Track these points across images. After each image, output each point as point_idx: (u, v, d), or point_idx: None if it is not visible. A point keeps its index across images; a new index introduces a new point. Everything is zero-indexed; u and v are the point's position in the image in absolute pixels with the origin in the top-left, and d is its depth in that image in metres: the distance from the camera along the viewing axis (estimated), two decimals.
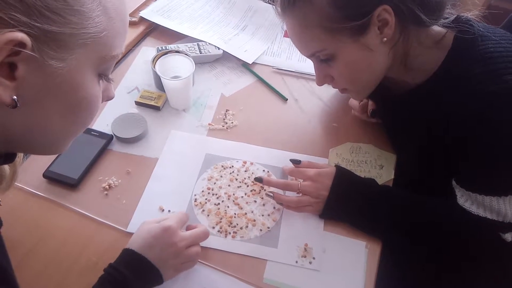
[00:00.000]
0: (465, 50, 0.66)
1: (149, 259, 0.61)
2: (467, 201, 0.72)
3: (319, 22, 0.64)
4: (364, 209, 0.74)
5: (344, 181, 0.76)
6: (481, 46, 0.66)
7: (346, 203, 0.74)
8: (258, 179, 0.78)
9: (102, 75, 0.45)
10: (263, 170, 0.83)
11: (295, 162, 0.80)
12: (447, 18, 0.68)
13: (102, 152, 0.83)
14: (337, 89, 0.98)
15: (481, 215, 0.70)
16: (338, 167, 0.78)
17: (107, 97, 0.50)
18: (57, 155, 0.80)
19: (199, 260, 0.69)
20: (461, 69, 0.66)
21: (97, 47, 0.41)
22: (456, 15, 0.69)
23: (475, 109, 0.63)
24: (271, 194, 0.77)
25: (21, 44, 0.34)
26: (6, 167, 0.52)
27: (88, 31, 0.39)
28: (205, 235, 0.69)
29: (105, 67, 0.44)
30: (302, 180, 0.77)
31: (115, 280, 0.59)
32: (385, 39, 0.65)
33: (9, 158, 0.46)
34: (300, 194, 0.76)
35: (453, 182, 0.73)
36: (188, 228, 0.71)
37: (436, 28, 0.69)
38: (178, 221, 0.67)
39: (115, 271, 0.59)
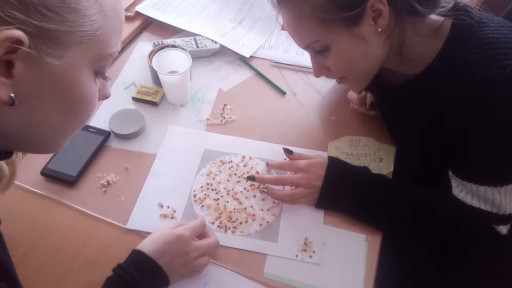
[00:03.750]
0: (463, 37, 0.66)
1: (160, 265, 0.61)
2: (462, 191, 0.72)
3: (313, 13, 0.64)
4: (359, 197, 0.74)
5: (337, 170, 0.76)
6: (478, 32, 0.65)
7: (340, 192, 0.74)
8: (251, 178, 0.78)
9: (99, 73, 0.45)
10: (263, 170, 0.82)
11: (288, 151, 0.80)
12: (444, 6, 0.67)
13: (100, 148, 0.83)
14: (335, 82, 0.98)
15: (475, 205, 0.70)
16: (330, 157, 0.78)
17: (104, 96, 0.49)
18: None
19: None
20: (458, 56, 0.65)
21: (94, 45, 0.41)
22: (453, 3, 0.68)
23: (471, 95, 0.63)
24: (265, 190, 0.77)
25: (19, 42, 0.34)
26: (5, 166, 0.51)
27: (85, 29, 0.39)
28: (215, 246, 0.68)
29: (102, 65, 0.44)
30: (293, 172, 0.77)
31: (124, 281, 0.58)
32: (379, 29, 0.65)
33: (6, 155, 0.46)
34: (294, 187, 0.76)
35: (450, 172, 0.73)
36: (200, 235, 0.69)
37: (434, 17, 0.69)
38: (193, 231, 0.66)
39: (125, 272, 0.59)
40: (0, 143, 0.42)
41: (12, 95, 0.37)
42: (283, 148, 0.81)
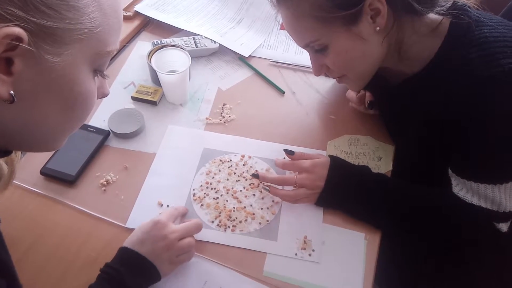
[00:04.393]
0: (461, 36, 0.66)
1: (143, 254, 0.62)
2: (462, 189, 0.72)
3: (312, 12, 0.64)
4: (359, 197, 0.74)
5: (338, 170, 0.75)
6: (476, 31, 0.65)
7: (341, 193, 0.74)
8: (255, 175, 0.78)
9: (98, 71, 0.45)
10: (262, 169, 0.82)
11: (289, 153, 0.80)
12: (442, 5, 0.67)
13: (99, 148, 0.83)
14: (334, 81, 0.99)
15: (475, 203, 0.70)
16: (331, 157, 0.78)
17: (102, 94, 0.50)
18: (53, 151, 0.80)
19: (199, 254, 0.70)
20: (456, 55, 0.66)
21: (92, 42, 0.41)
22: (452, 2, 0.68)
23: (470, 94, 0.63)
24: (268, 188, 0.77)
25: (18, 39, 0.35)
26: (4, 166, 0.51)
27: (84, 26, 0.39)
28: (197, 227, 0.69)
29: (100, 63, 0.45)
30: (297, 172, 0.77)
31: (111, 277, 0.59)
32: (378, 28, 0.65)
33: (4, 153, 0.46)
34: (297, 187, 0.76)
35: (449, 171, 0.73)
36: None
37: (432, 16, 0.69)
38: (169, 215, 0.68)
39: (111, 269, 0.60)
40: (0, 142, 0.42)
41: (12, 92, 0.37)
42: (284, 150, 0.80)
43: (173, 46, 0.93)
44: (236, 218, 0.75)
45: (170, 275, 0.66)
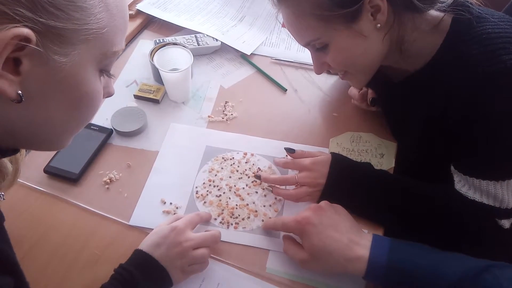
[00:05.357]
0: (463, 32, 0.66)
1: (156, 258, 0.62)
2: (464, 186, 0.72)
3: (312, 11, 0.64)
4: (361, 193, 0.74)
5: (340, 167, 0.76)
6: (478, 27, 0.65)
7: (343, 189, 0.74)
8: (257, 177, 0.78)
9: (104, 71, 0.45)
10: (264, 166, 0.83)
11: (290, 151, 0.80)
12: (443, 2, 0.67)
13: (102, 146, 0.83)
14: (336, 78, 0.99)
15: (477, 200, 0.70)
16: (333, 154, 0.78)
17: (108, 94, 0.50)
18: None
19: None
20: (458, 51, 0.66)
21: (99, 43, 0.41)
22: None
23: (473, 90, 0.63)
24: (270, 189, 0.77)
25: (26, 39, 0.35)
26: (9, 164, 0.52)
27: (90, 27, 0.40)
28: (214, 238, 0.68)
29: (106, 63, 0.45)
30: (298, 171, 0.77)
31: (123, 278, 0.59)
32: (378, 25, 0.65)
33: (13, 151, 0.46)
34: (298, 185, 0.76)
35: (452, 167, 0.73)
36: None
37: (433, 13, 0.69)
38: (188, 221, 0.67)
39: (124, 270, 0.60)
40: (8, 141, 0.43)
41: (20, 92, 0.37)
42: (285, 148, 0.81)
43: (175, 44, 0.93)
44: (239, 215, 0.75)
45: None
